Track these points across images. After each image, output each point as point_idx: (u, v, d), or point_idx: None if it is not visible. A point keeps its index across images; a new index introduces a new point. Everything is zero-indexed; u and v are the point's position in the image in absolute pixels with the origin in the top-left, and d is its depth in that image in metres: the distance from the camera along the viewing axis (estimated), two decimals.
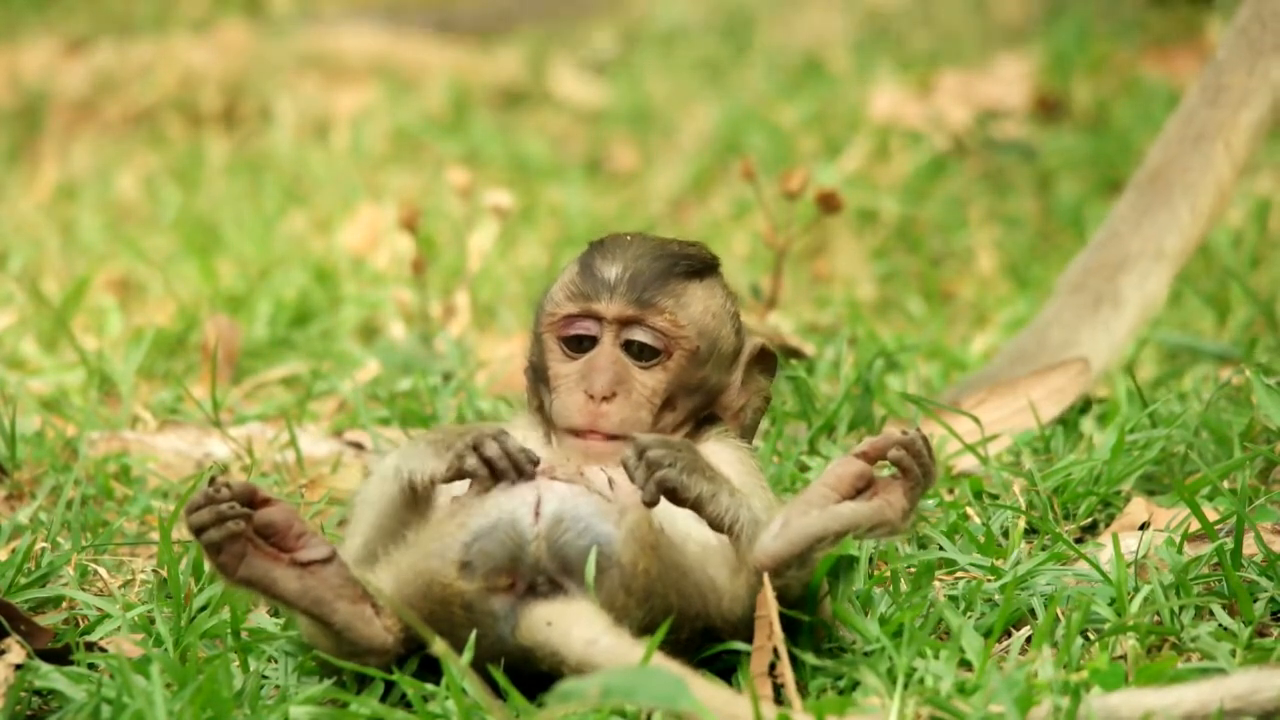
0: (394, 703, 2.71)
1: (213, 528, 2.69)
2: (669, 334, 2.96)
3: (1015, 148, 5.94)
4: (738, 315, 3.05)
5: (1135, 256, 3.82)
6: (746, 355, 3.05)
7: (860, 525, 2.72)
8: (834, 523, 2.72)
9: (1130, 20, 6.94)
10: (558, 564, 2.71)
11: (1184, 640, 2.84)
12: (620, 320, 2.95)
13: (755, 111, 6.51)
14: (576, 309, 2.97)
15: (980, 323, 4.82)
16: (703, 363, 2.98)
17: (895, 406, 3.81)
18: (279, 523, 2.73)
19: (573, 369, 2.96)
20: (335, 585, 2.73)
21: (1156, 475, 3.46)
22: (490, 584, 2.70)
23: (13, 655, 2.81)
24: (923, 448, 2.75)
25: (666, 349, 2.96)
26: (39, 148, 6.54)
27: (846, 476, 2.75)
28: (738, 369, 3.04)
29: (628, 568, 2.70)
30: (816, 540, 2.72)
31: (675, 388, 2.96)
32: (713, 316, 3.01)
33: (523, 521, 2.72)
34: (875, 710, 2.62)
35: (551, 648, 2.66)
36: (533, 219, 5.62)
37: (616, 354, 2.95)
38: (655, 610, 2.70)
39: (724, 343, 3.02)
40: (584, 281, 2.98)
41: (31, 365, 4.37)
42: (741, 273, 5.02)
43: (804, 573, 2.74)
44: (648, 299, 2.96)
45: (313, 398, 4.06)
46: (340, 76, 7.07)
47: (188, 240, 5.33)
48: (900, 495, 2.75)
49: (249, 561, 2.71)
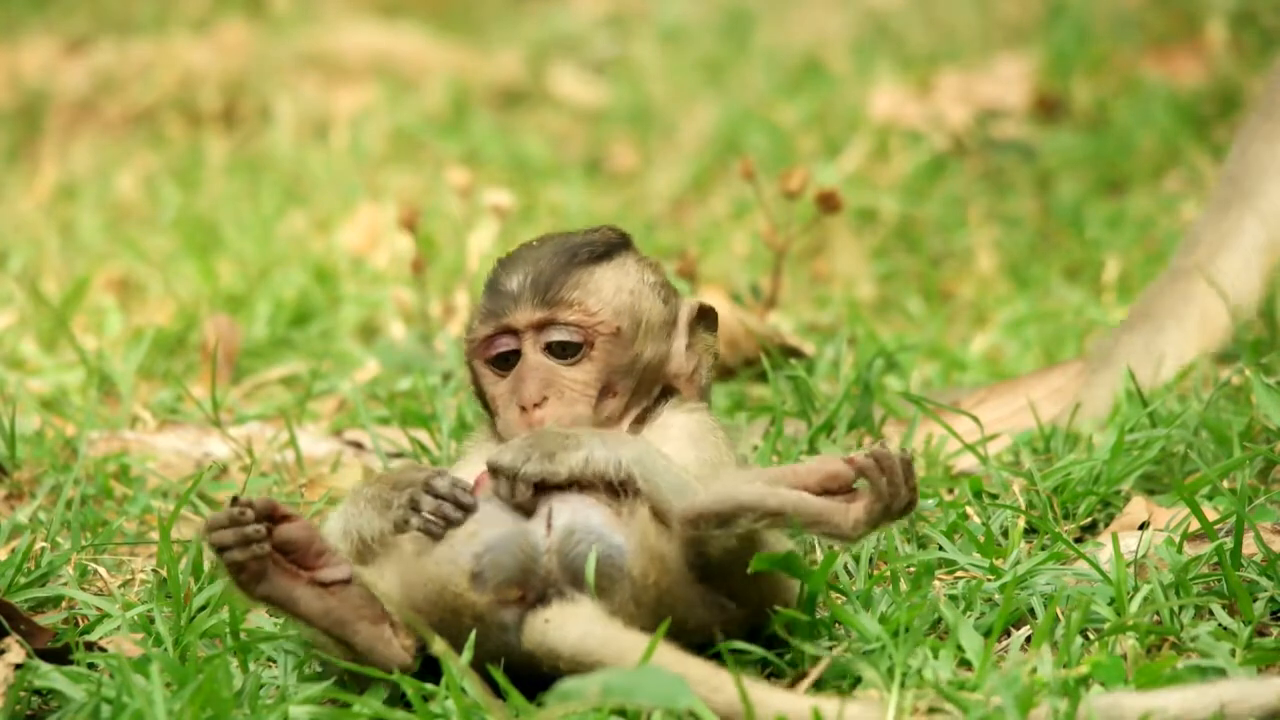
0: (394, 703, 2.71)
1: (236, 548, 2.68)
2: (584, 324, 2.95)
3: (1015, 147, 5.94)
4: (662, 283, 3.02)
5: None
6: (685, 318, 3.02)
7: (801, 514, 2.68)
8: (772, 499, 2.68)
9: (1130, 20, 6.94)
10: (569, 576, 2.70)
11: (1184, 640, 2.84)
12: (533, 326, 2.95)
13: (755, 111, 6.51)
14: (491, 329, 2.97)
15: (980, 322, 4.82)
16: (630, 341, 2.96)
17: (895, 406, 3.82)
18: (299, 540, 2.72)
19: (504, 387, 2.96)
20: (356, 605, 2.72)
21: (1156, 475, 3.46)
22: (501, 596, 2.69)
23: (12, 655, 2.81)
24: (897, 466, 2.69)
25: (586, 340, 2.95)
26: (39, 148, 6.54)
27: (818, 470, 2.71)
28: (678, 334, 3.01)
29: (638, 580, 2.69)
30: (743, 506, 2.67)
31: (608, 374, 2.95)
32: (629, 293, 2.99)
33: (535, 533, 2.71)
34: (875, 708, 2.62)
35: (549, 645, 2.65)
36: (532, 219, 5.62)
37: (539, 360, 2.94)
38: (664, 620, 2.68)
39: (650, 314, 2.99)
40: (491, 300, 2.98)
41: (31, 365, 4.37)
42: (742, 272, 5.02)
43: (724, 534, 2.69)
44: (552, 297, 2.95)
45: (312, 397, 4.06)
46: (340, 76, 7.07)
47: (187, 240, 5.33)
48: (862, 507, 2.70)
49: (270, 580, 2.70)
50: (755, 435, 3.63)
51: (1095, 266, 5.03)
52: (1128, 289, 4.86)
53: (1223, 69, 6.26)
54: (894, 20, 7.60)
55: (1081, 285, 4.99)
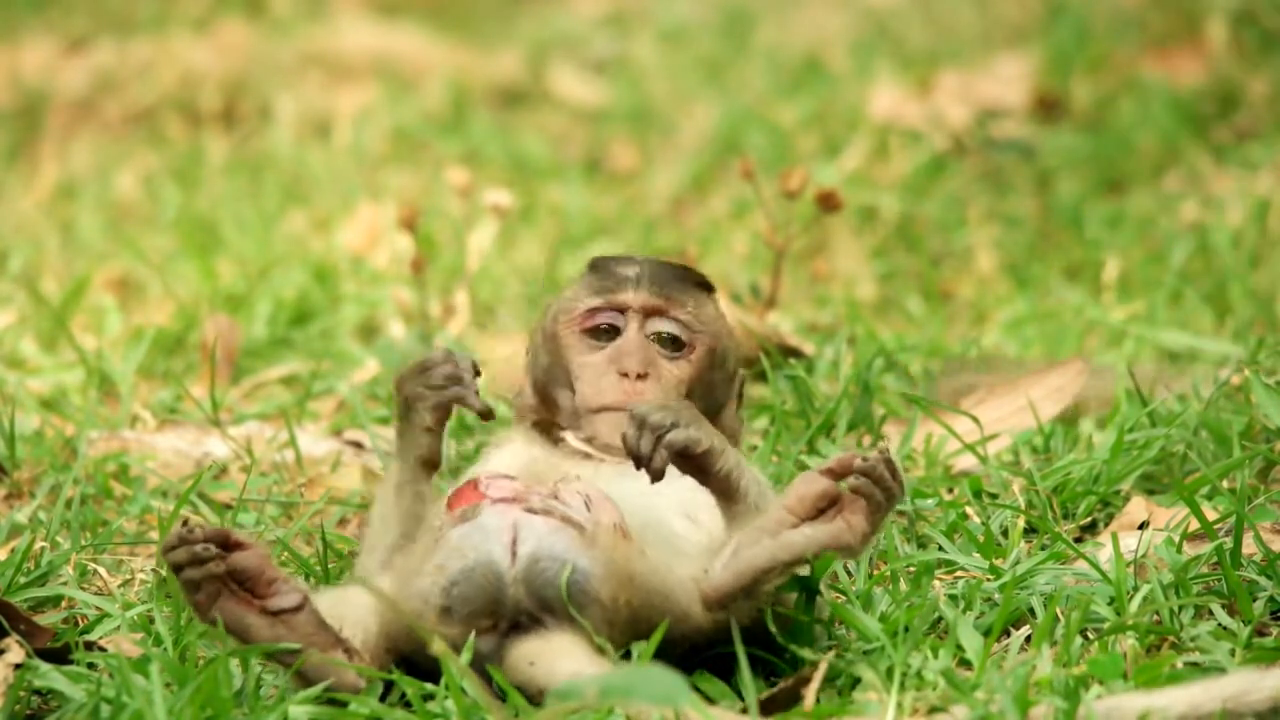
0: (394, 702, 2.70)
1: (189, 566, 2.68)
2: (693, 327, 2.99)
3: (1015, 147, 5.94)
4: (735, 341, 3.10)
5: None
6: (738, 383, 3.08)
7: (814, 552, 2.70)
8: (783, 553, 2.69)
9: (1130, 20, 6.93)
10: (537, 603, 2.69)
11: (1183, 639, 2.84)
12: (645, 309, 2.98)
13: (755, 111, 6.50)
14: (600, 301, 3.00)
15: (980, 322, 4.82)
16: (718, 366, 3.01)
17: (894, 406, 3.81)
18: (251, 568, 2.70)
19: (599, 357, 2.98)
20: (307, 633, 2.70)
21: (1156, 475, 3.46)
22: (471, 627, 2.68)
23: (12, 655, 2.81)
24: (884, 471, 2.70)
25: (690, 342, 2.98)
26: (39, 147, 6.54)
27: (809, 496, 2.71)
28: (733, 393, 3.06)
29: (608, 604, 2.68)
30: (764, 572, 2.69)
31: (696, 384, 2.97)
32: (723, 327, 3.05)
33: (500, 563, 2.69)
34: (874, 708, 2.62)
35: (537, 685, 2.64)
36: (532, 218, 5.62)
37: (644, 340, 2.96)
38: (641, 636, 2.68)
39: (730, 358, 3.05)
40: (603, 279, 3.02)
41: (31, 365, 4.37)
42: (741, 272, 5.02)
43: (752, 603, 2.71)
44: (670, 293, 2.99)
45: (312, 397, 4.06)
46: (340, 76, 7.07)
47: (187, 240, 5.33)
48: (862, 518, 2.70)
49: (223, 605, 2.69)
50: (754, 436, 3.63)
51: (1095, 266, 5.03)
52: (1128, 289, 4.87)
53: (1223, 69, 6.26)
54: (894, 20, 7.60)
55: (1081, 285, 4.99)
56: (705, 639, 2.71)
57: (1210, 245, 4.96)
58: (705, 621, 2.70)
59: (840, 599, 2.94)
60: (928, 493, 3.38)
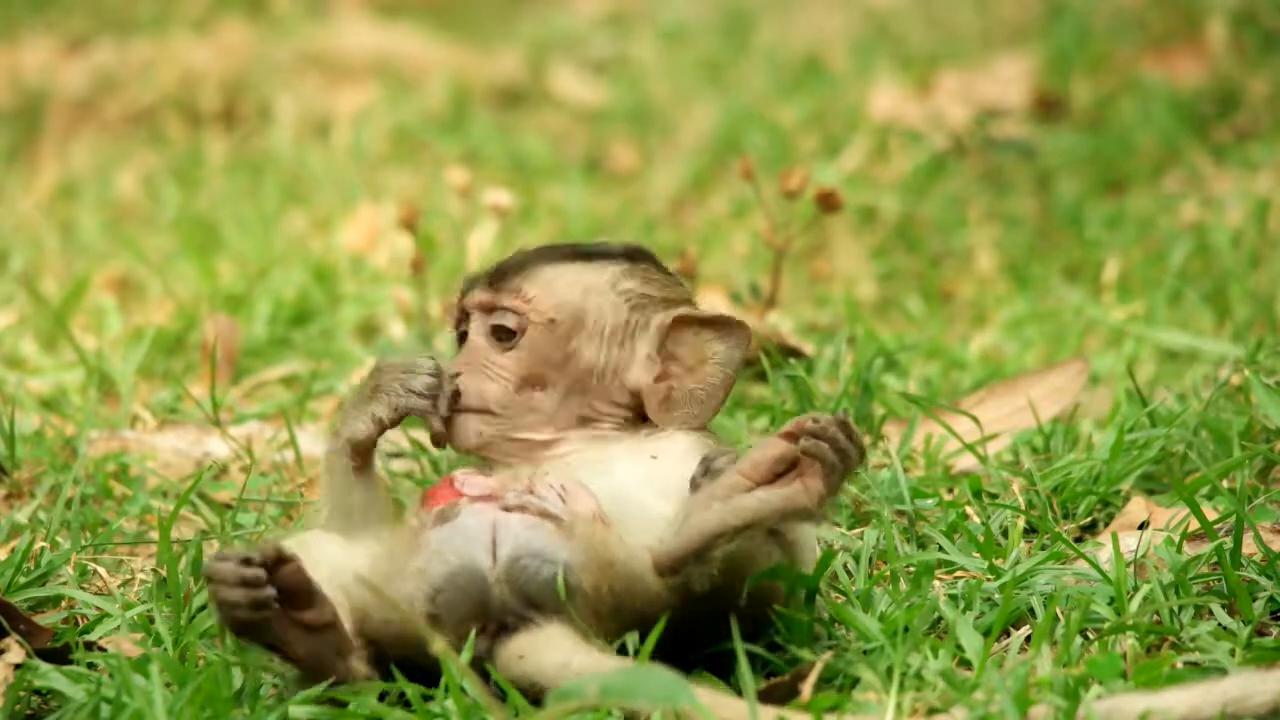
0: (393, 702, 2.70)
1: (243, 609, 2.63)
2: (519, 310, 2.96)
3: (1015, 147, 5.94)
4: (643, 294, 2.98)
5: None
6: (656, 329, 2.98)
7: (767, 516, 2.66)
8: (733, 517, 2.66)
9: (1130, 20, 6.93)
10: (521, 600, 2.68)
11: (1183, 640, 2.84)
12: (481, 307, 2.99)
13: (755, 111, 6.50)
14: (455, 306, 3.03)
15: (980, 322, 4.82)
16: (567, 336, 2.96)
17: (894, 406, 3.82)
18: (295, 585, 2.66)
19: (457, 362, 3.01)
20: (335, 645, 2.70)
21: (1156, 474, 3.47)
22: (460, 632, 2.68)
23: (12, 655, 2.81)
24: (837, 432, 2.66)
25: (519, 327, 2.96)
26: (39, 147, 6.54)
27: (764, 461, 2.68)
28: (640, 344, 2.98)
29: (591, 594, 2.68)
30: (714, 536, 2.66)
31: (536, 364, 2.95)
32: (584, 290, 2.97)
33: (481, 565, 2.69)
34: (873, 708, 2.62)
35: (529, 680, 2.64)
36: (532, 218, 5.62)
37: (477, 341, 2.98)
38: (626, 621, 2.68)
39: (600, 315, 2.97)
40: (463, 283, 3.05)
41: (31, 365, 4.37)
42: (741, 272, 5.02)
43: (706, 568, 2.67)
44: (501, 284, 2.98)
45: (312, 397, 4.06)
46: (340, 76, 7.07)
47: (187, 240, 5.33)
48: (819, 480, 2.67)
49: (267, 629, 2.66)
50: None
51: (1095, 266, 5.03)
52: (1128, 289, 4.87)
53: (1223, 69, 6.26)
54: (894, 20, 7.60)
55: (1081, 285, 4.99)
56: (664, 607, 2.68)
57: (1210, 245, 4.96)
58: (660, 588, 2.68)
59: (840, 599, 2.94)
60: (928, 493, 3.38)
